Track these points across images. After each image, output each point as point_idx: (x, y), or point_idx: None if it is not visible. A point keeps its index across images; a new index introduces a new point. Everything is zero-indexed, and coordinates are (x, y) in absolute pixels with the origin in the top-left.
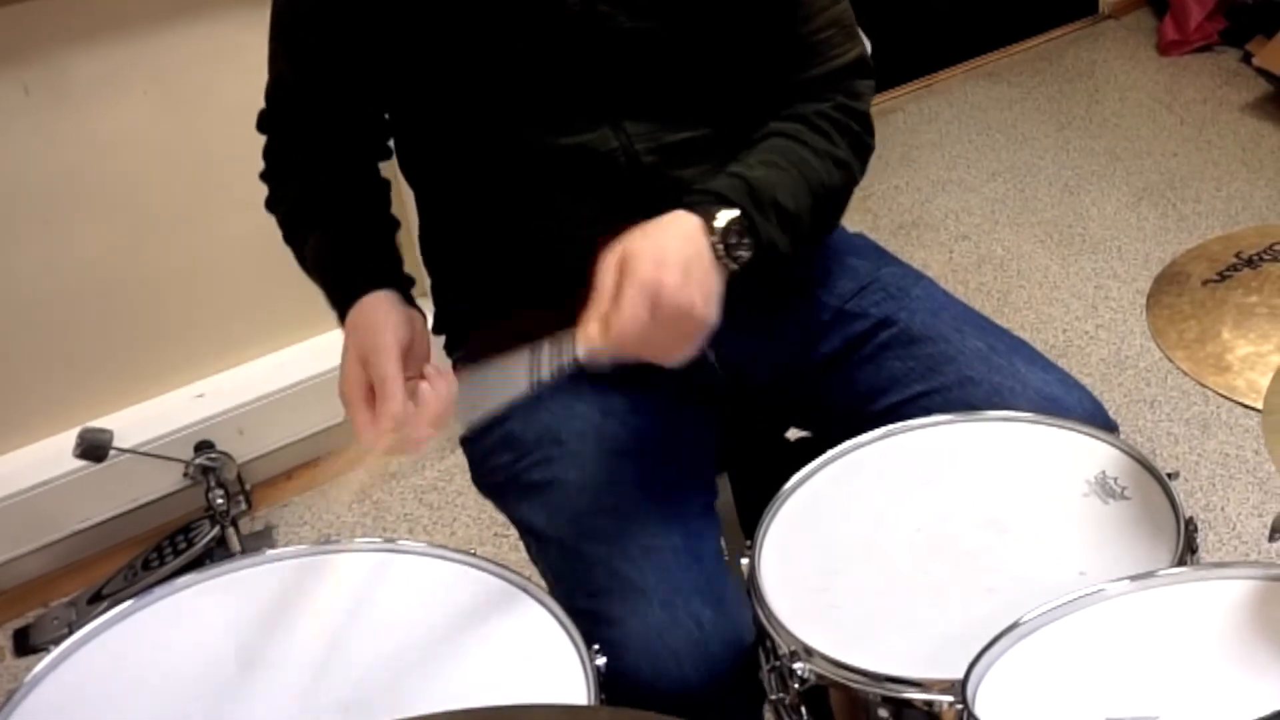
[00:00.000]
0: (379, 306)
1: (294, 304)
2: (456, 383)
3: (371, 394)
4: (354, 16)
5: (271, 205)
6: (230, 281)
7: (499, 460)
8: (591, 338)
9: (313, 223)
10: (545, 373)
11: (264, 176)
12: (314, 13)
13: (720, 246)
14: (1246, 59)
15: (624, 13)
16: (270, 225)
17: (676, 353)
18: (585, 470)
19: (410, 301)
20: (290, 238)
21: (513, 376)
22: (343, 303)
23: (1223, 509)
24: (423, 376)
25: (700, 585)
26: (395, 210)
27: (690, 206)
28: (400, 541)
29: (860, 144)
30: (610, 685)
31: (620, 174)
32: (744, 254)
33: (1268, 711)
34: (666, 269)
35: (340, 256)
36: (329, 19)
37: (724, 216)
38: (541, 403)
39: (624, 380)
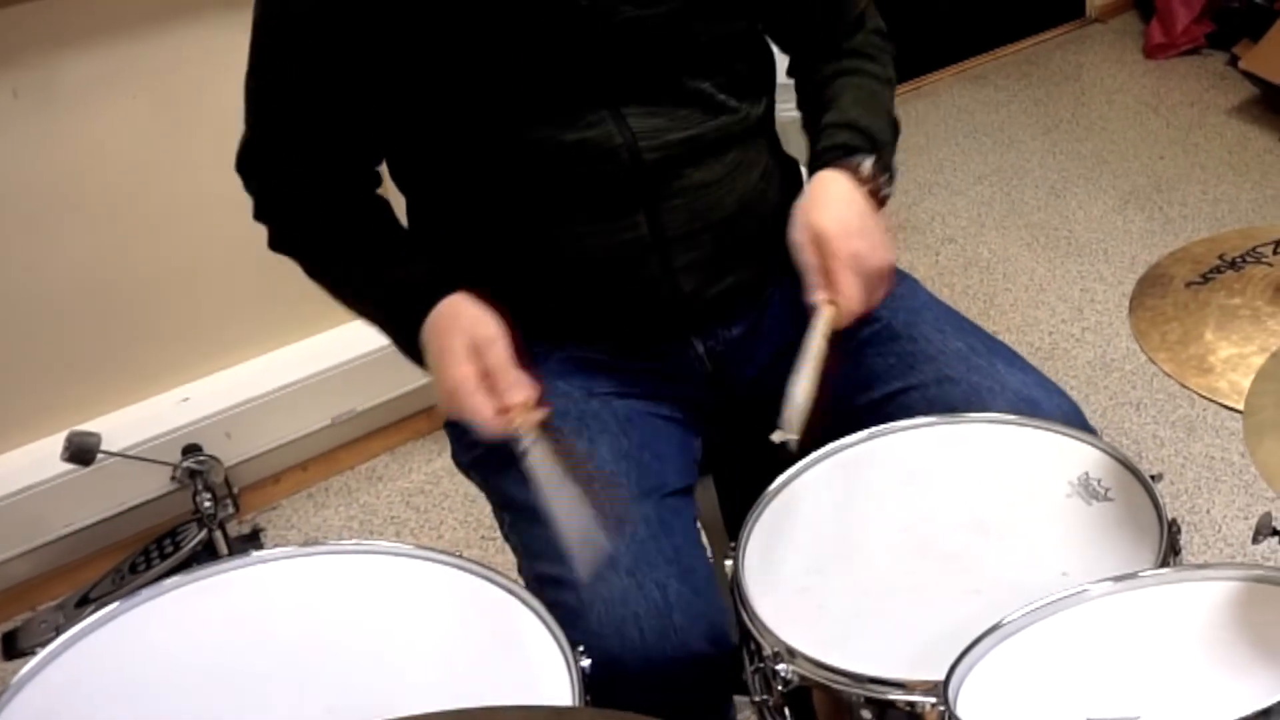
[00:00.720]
0: (465, 303)
1: (282, 307)
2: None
3: (486, 383)
4: (357, 13)
5: (279, 245)
6: (218, 285)
7: (476, 432)
8: (831, 318)
9: (342, 254)
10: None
11: (259, 217)
12: (314, 12)
13: (872, 190)
14: (1233, 62)
15: (632, 3)
16: (258, 230)
17: (879, 296)
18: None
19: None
20: (317, 274)
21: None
22: (417, 314)
23: (1208, 511)
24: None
25: (669, 556)
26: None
27: (835, 165)
28: (387, 544)
29: (893, 58)
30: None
31: (623, 171)
32: (888, 190)
33: (1249, 712)
34: (856, 237)
35: (394, 276)
36: (330, 17)
37: (866, 165)
38: None
39: (610, 367)
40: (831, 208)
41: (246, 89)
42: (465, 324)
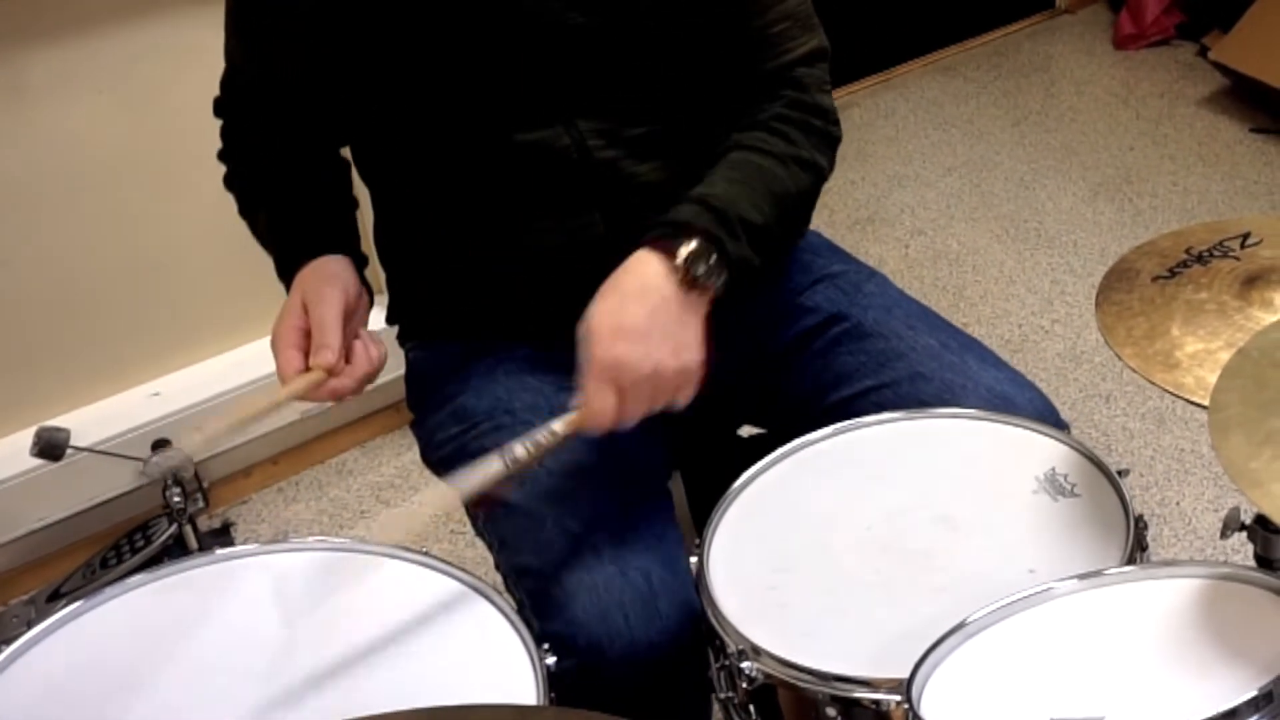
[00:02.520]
0: (331, 263)
1: (251, 302)
2: (386, 352)
3: (305, 340)
4: (309, 12)
5: (229, 182)
6: (187, 279)
7: (448, 432)
8: (573, 423)
9: (270, 194)
10: (524, 452)
11: (222, 156)
12: (269, 8)
13: (687, 281)
14: (1203, 53)
15: (576, 9)
16: (227, 224)
17: (674, 403)
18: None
19: (359, 271)
20: (246, 210)
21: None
22: (294, 263)
23: (1178, 504)
24: (356, 337)
25: (651, 544)
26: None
27: (652, 242)
28: (354, 540)
29: (825, 137)
30: (557, 642)
31: (574, 170)
32: (716, 280)
33: (1214, 712)
34: (624, 341)
35: (296, 223)
36: (283, 14)
37: (685, 249)
38: (494, 377)
39: (570, 371)
40: (612, 299)
41: (227, 37)
42: (311, 280)
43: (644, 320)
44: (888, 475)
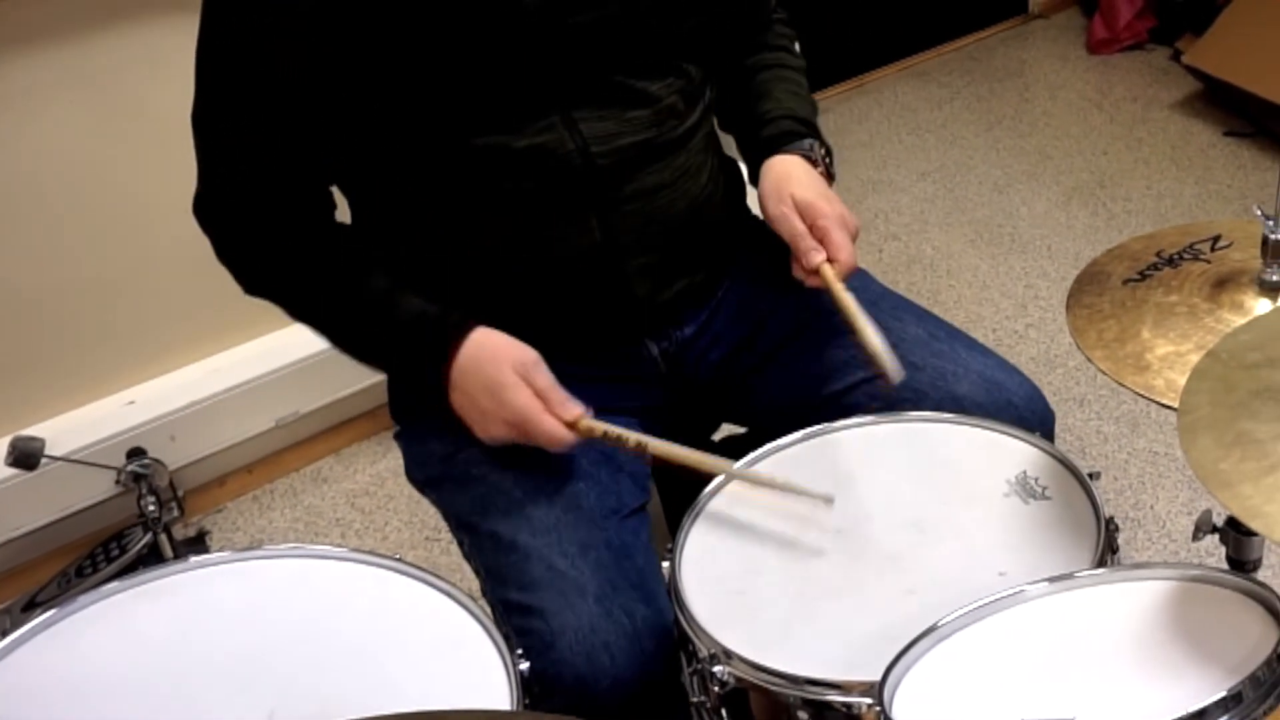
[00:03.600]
0: (493, 334)
1: (225, 310)
2: None
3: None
4: (307, 26)
5: (252, 289)
6: (161, 288)
7: (433, 450)
8: (830, 276)
9: (327, 295)
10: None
11: (221, 259)
12: (263, 28)
13: (824, 172)
14: (1176, 57)
15: (581, 8)
16: (200, 231)
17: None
18: (522, 464)
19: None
20: (302, 316)
21: None
22: (440, 351)
23: (1152, 507)
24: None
25: (634, 581)
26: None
27: (789, 151)
28: (327, 548)
29: (794, 42)
30: (543, 679)
31: (575, 176)
32: (833, 168)
33: (1184, 713)
34: (835, 201)
35: (403, 315)
36: (280, 31)
37: (817, 148)
38: None
39: (567, 375)
40: (800, 183)
41: (195, 128)
42: (507, 353)
43: (826, 190)
44: (859, 478)
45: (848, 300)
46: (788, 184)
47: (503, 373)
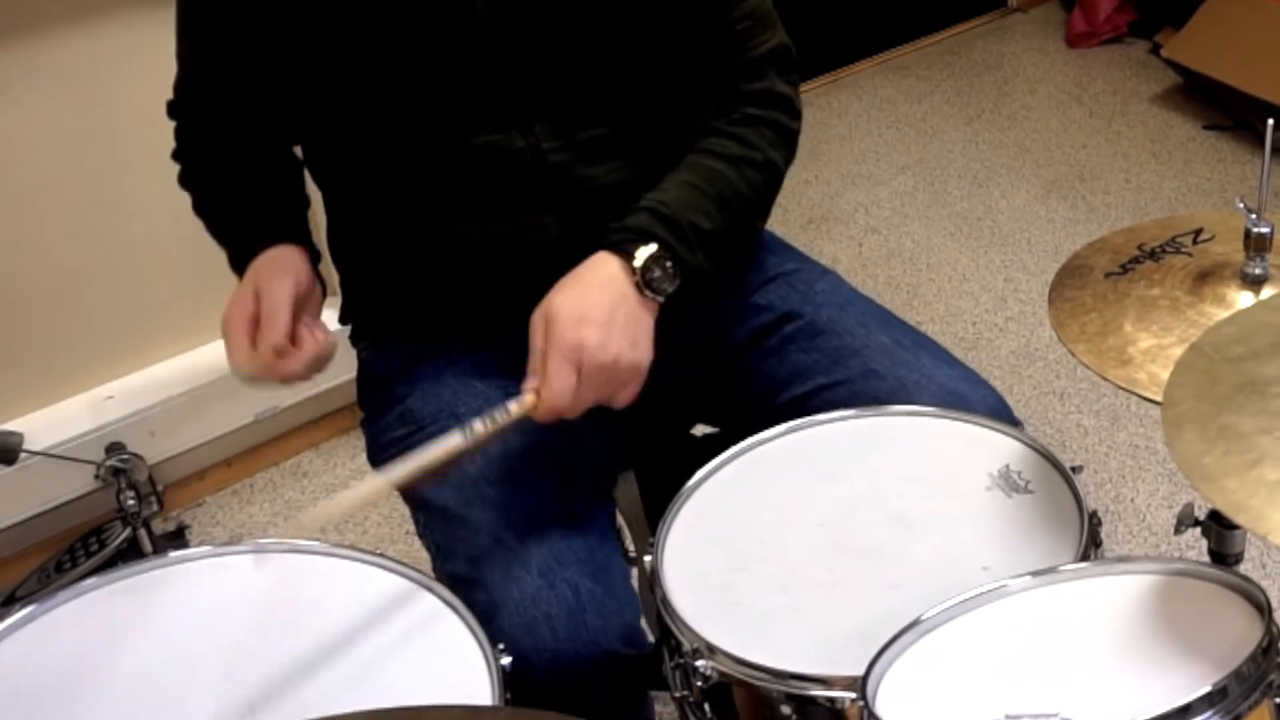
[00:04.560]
0: (285, 252)
1: (204, 304)
2: (335, 341)
3: (254, 326)
4: (260, 16)
5: (184, 181)
6: (139, 282)
7: (395, 434)
8: (527, 406)
9: (225, 191)
10: (480, 430)
11: (176, 155)
12: (218, 11)
13: (643, 284)
14: (1155, 51)
15: (529, 8)
16: (180, 226)
17: (620, 398)
18: None
19: (312, 263)
20: (201, 208)
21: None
22: (248, 254)
23: (1132, 500)
24: (305, 326)
25: (582, 556)
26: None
27: (610, 247)
28: (308, 542)
29: (783, 131)
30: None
31: (528, 173)
32: (668, 286)
33: (1167, 708)
34: (588, 326)
35: (251, 216)
36: (233, 18)
37: (642, 254)
38: (442, 380)
39: (526, 364)
40: (576, 291)
41: (179, 41)
42: (264, 268)
43: (606, 311)
44: (841, 473)
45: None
46: (559, 289)
47: (245, 282)
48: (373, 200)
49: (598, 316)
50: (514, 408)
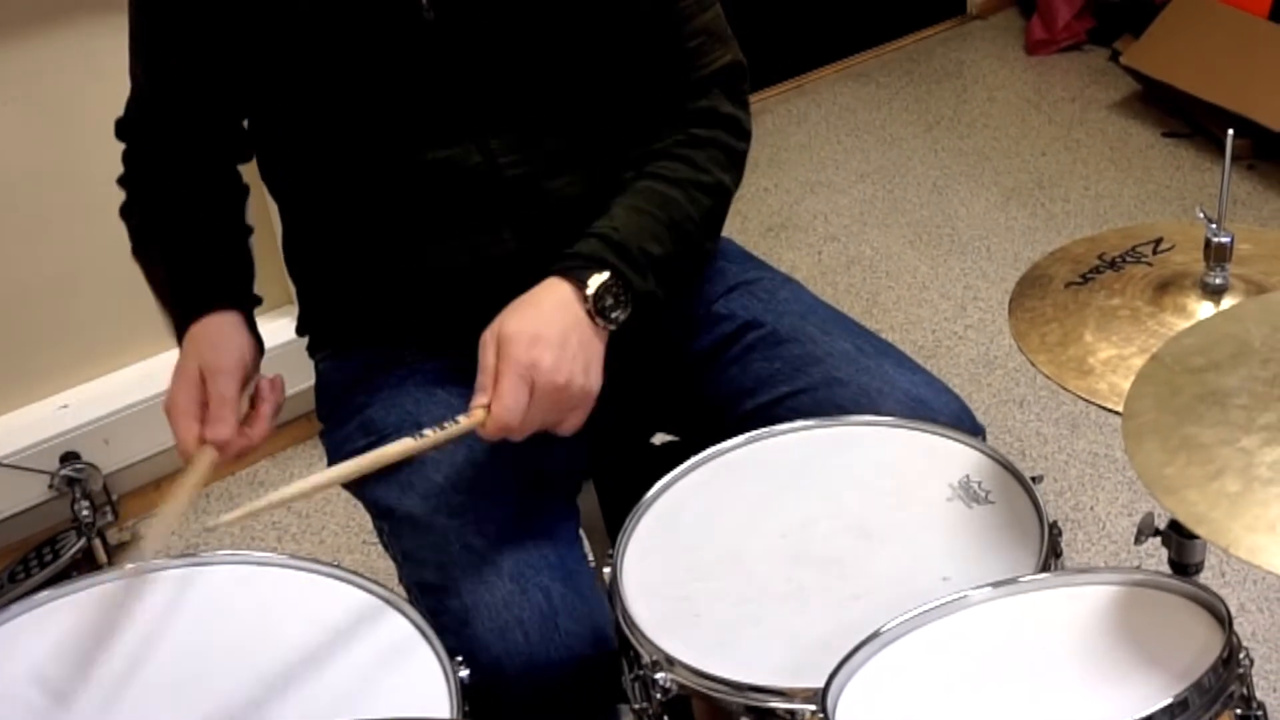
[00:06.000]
0: (225, 326)
1: (158, 313)
2: (283, 399)
3: (201, 412)
4: (209, 28)
5: (125, 212)
6: (95, 291)
7: (355, 444)
8: (477, 422)
9: (164, 237)
10: (428, 435)
11: (121, 182)
12: (168, 22)
13: (595, 311)
14: (1114, 58)
15: (480, 23)
16: None
17: (566, 424)
18: (442, 450)
19: (253, 325)
20: (139, 249)
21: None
22: (185, 319)
23: (1092, 508)
24: (260, 400)
25: (552, 562)
26: (260, 213)
27: (562, 273)
28: (262, 554)
29: (730, 153)
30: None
31: (484, 187)
32: (620, 314)
33: (1129, 719)
34: (541, 346)
35: (188, 274)
36: (183, 32)
37: (595, 281)
38: (403, 389)
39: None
40: (527, 313)
41: (130, 58)
42: (206, 348)
43: (560, 334)
44: (801, 483)
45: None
46: (510, 311)
47: (188, 361)
48: (329, 214)
49: (552, 339)
50: (463, 420)
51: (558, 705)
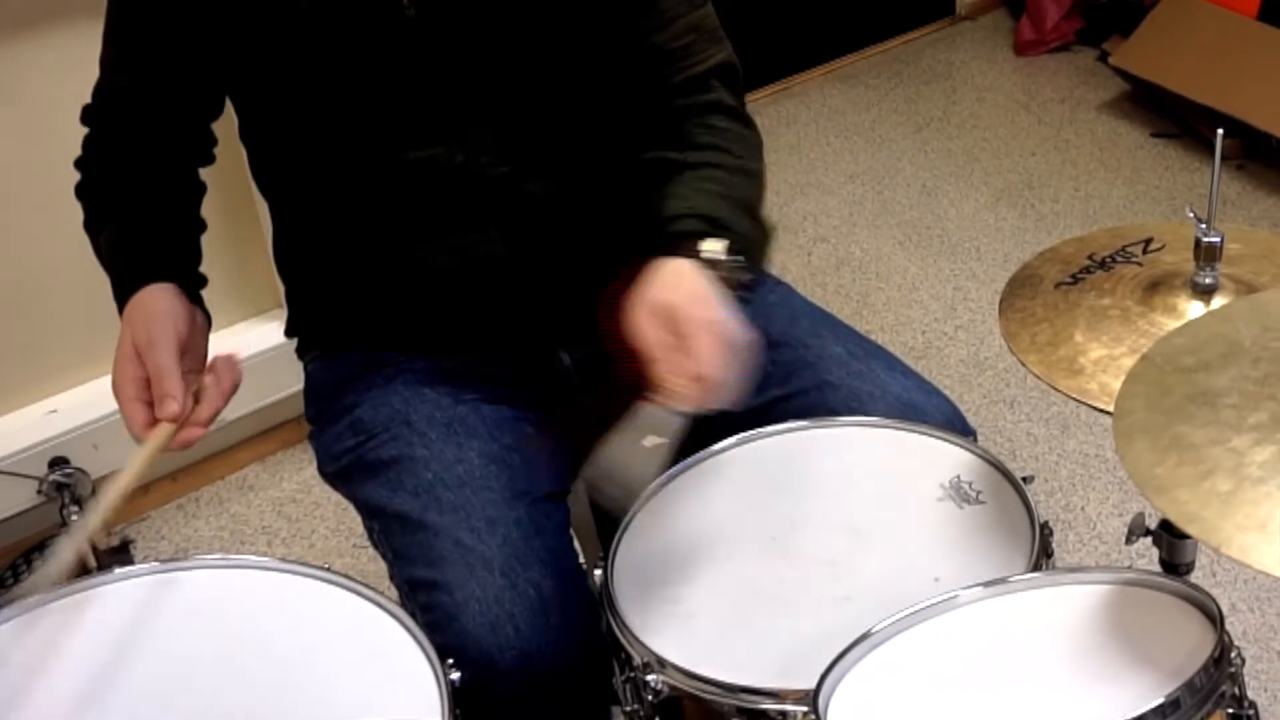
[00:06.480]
0: (157, 297)
1: None
2: (241, 376)
3: (147, 389)
4: (189, 20)
5: (80, 191)
6: (82, 296)
7: (345, 444)
8: (689, 397)
9: (116, 208)
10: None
11: (78, 163)
12: (146, 14)
13: (722, 278)
14: (1103, 58)
15: (461, 20)
16: None
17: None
18: (432, 448)
19: (195, 298)
20: (90, 223)
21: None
22: (124, 292)
23: (1083, 509)
24: (205, 370)
25: (543, 557)
26: (252, 214)
27: (671, 251)
28: (252, 558)
29: (757, 146)
30: (448, 654)
31: (468, 186)
32: (745, 277)
33: (1121, 719)
34: (715, 306)
35: (130, 245)
36: (161, 20)
37: (710, 246)
38: (392, 388)
39: (477, 375)
40: (681, 283)
41: (104, 44)
42: (139, 322)
43: (717, 295)
44: (792, 484)
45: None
46: (654, 288)
47: (124, 337)
48: (316, 215)
49: (715, 298)
50: (676, 405)
51: (550, 700)
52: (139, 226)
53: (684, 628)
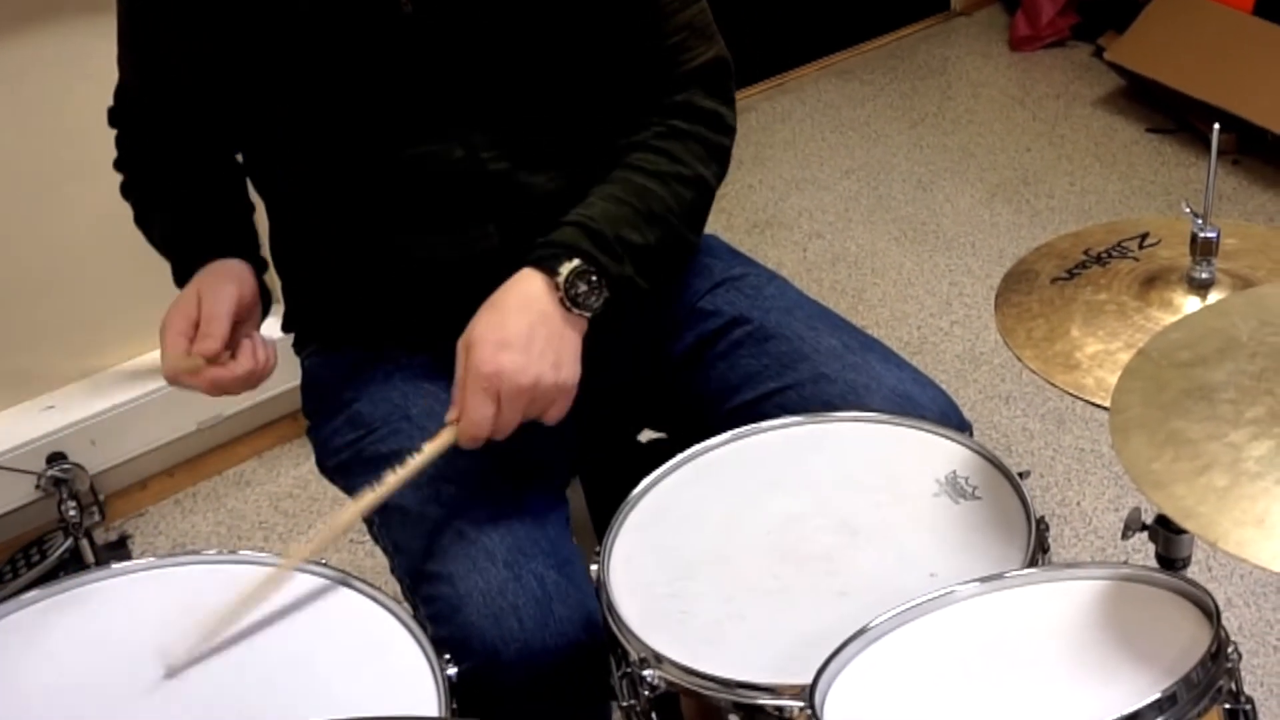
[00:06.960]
0: (230, 264)
1: (145, 313)
2: (275, 357)
3: (193, 330)
4: (196, 26)
5: (126, 191)
6: (80, 291)
7: (344, 439)
8: (449, 440)
9: (167, 201)
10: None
11: (118, 165)
12: (152, 16)
13: (568, 299)
14: (1098, 54)
15: (459, 16)
16: (121, 234)
17: (548, 416)
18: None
19: (259, 276)
20: (142, 218)
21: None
22: (192, 266)
23: (1078, 504)
24: (247, 337)
25: (545, 549)
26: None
27: (535, 263)
28: (250, 553)
29: (713, 148)
30: (451, 646)
31: (467, 182)
32: (596, 300)
33: (1117, 714)
34: (505, 350)
35: (194, 228)
36: (170, 28)
37: (566, 268)
38: (391, 383)
39: None
40: (495, 316)
41: (119, 46)
42: (208, 277)
43: (525, 333)
44: (787, 480)
45: (409, 464)
46: (481, 312)
47: (189, 289)
48: (314, 210)
49: (516, 341)
50: (441, 437)
51: (552, 691)
52: (198, 211)
53: (680, 623)
